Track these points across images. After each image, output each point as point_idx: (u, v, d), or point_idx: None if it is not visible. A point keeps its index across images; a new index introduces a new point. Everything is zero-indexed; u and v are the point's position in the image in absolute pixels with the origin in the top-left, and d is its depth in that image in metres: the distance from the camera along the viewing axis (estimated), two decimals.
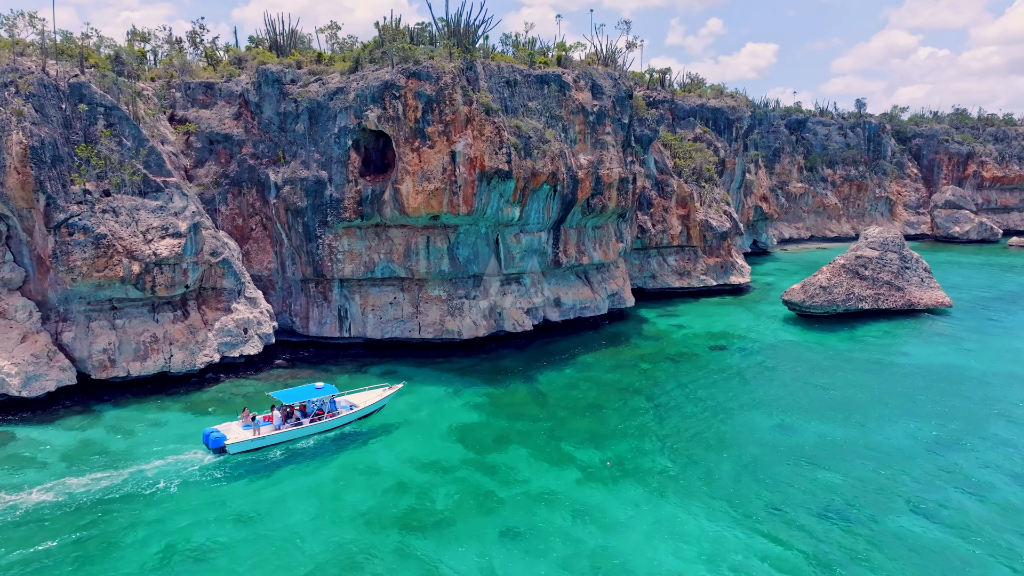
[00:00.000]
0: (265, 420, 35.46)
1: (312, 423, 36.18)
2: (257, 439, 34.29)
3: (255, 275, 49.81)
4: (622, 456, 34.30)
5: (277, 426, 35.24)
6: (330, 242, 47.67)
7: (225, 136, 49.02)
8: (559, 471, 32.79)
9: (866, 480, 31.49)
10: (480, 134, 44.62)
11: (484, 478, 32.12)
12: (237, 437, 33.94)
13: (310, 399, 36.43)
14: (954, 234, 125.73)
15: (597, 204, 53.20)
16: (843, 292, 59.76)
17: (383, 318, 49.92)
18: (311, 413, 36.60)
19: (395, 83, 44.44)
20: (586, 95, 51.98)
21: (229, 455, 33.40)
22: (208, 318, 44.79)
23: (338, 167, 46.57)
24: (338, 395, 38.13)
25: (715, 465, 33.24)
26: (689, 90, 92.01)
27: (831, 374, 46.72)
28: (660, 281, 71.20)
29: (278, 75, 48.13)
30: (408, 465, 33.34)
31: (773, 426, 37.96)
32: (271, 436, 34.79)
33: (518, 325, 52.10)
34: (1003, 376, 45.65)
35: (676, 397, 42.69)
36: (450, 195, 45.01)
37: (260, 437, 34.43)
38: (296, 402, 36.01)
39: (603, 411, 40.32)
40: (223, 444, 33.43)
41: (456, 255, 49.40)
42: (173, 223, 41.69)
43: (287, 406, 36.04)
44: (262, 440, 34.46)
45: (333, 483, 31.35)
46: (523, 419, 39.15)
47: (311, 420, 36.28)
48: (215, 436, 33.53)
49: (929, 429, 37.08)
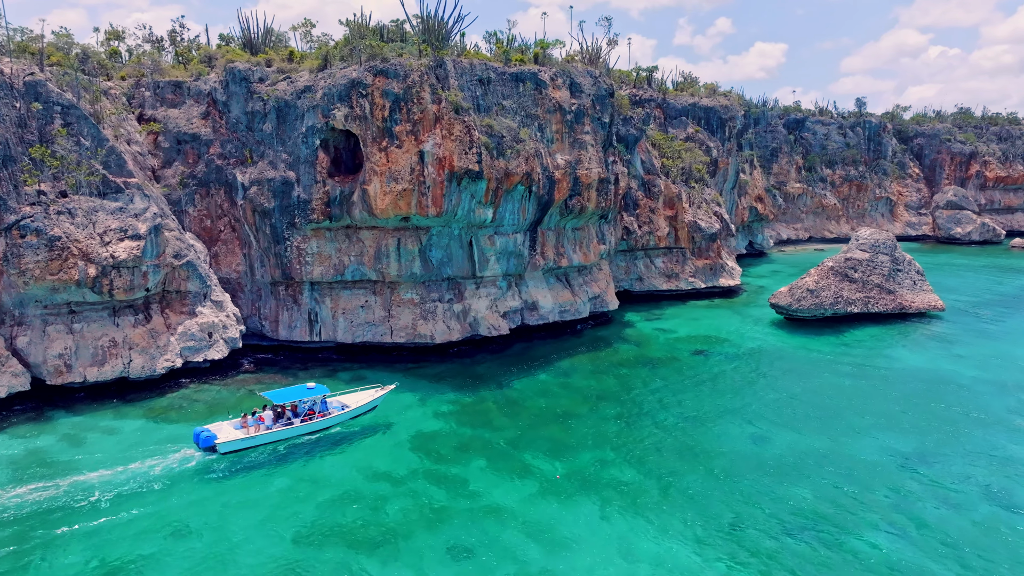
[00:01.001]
0: (259, 419, 35.43)
1: (303, 423, 36.11)
2: (247, 438, 34.26)
3: (224, 277, 48.81)
4: (584, 468, 33.05)
5: (268, 426, 35.23)
6: (299, 244, 46.59)
7: (193, 136, 48.01)
8: (516, 484, 31.58)
9: (835, 495, 30.11)
10: (449, 133, 43.42)
11: (437, 490, 30.94)
12: (227, 436, 33.87)
13: (301, 399, 36.46)
14: (956, 235, 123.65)
15: (576, 205, 51.91)
16: (831, 295, 58.23)
17: (354, 322, 48.79)
18: (302, 413, 36.58)
19: (362, 81, 43.30)
20: (564, 93, 50.69)
21: (220, 454, 33.30)
22: (171, 322, 43.78)
23: (306, 167, 45.47)
24: (329, 395, 38.11)
25: (680, 478, 31.94)
26: (682, 89, 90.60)
27: (812, 381, 45.30)
28: (647, 283, 69.81)
29: (245, 74, 47.08)
30: (361, 475, 32.21)
31: (746, 436, 36.60)
32: (261, 436, 34.75)
33: (494, 329, 50.88)
34: (989, 384, 44.09)
35: (650, 405, 41.37)
36: (419, 196, 43.83)
37: (250, 436, 34.37)
38: (287, 402, 36.00)
39: (572, 420, 39.06)
40: (213, 443, 33.43)
41: (429, 257, 48.24)
42: (132, 225, 40.68)
43: (278, 406, 36.05)
44: (252, 440, 34.42)
45: (280, 493, 30.25)
46: (488, 428, 37.95)
47: (302, 420, 36.20)
48: (205, 435, 33.52)
49: (906, 440, 35.64)
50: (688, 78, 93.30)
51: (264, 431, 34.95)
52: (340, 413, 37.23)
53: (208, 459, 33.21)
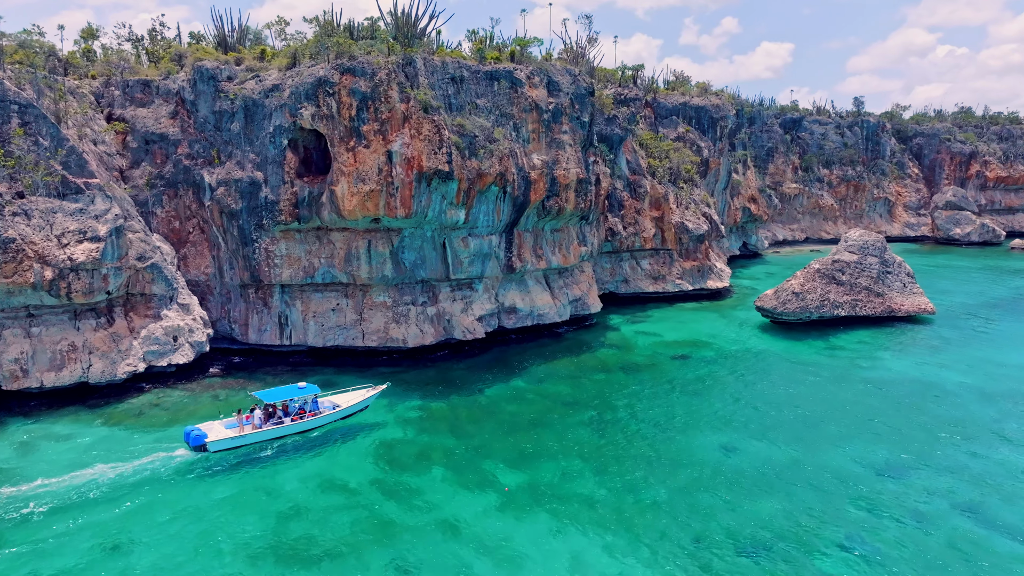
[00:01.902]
0: (247, 419, 35.65)
1: (293, 422, 36.23)
2: (237, 437, 34.39)
3: (193, 280, 47.89)
4: (546, 479, 31.95)
5: (258, 425, 35.38)
6: (267, 246, 45.64)
7: (161, 136, 47.12)
8: (474, 496, 30.51)
9: (803, 510, 28.93)
10: (418, 133, 42.40)
11: (391, 503, 29.90)
12: (217, 435, 33.99)
13: (291, 398, 36.63)
14: (955, 236, 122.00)
15: (553, 206, 50.81)
16: (817, 298, 56.98)
17: (325, 325, 47.82)
18: (293, 412, 36.66)
19: (328, 80, 42.31)
20: (541, 92, 49.60)
21: (210, 453, 33.42)
22: (135, 325, 42.88)
23: (274, 168, 44.52)
24: (320, 395, 38.24)
25: (644, 491, 30.81)
26: (673, 88, 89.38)
27: (792, 387, 44.10)
28: (633, 285, 68.65)
29: (213, 72, 46.14)
30: (315, 486, 31.20)
31: (718, 446, 35.42)
32: (252, 435, 34.88)
33: (469, 333, 49.84)
34: (974, 391, 42.81)
35: (622, 412, 40.25)
36: (387, 197, 42.83)
37: (241, 435, 34.50)
38: (278, 401, 36.17)
39: (541, 427, 37.97)
40: (203, 442, 33.46)
41: (401, 260, 47.23)
42: (92, 226, 39.78)
43: (269, 405, 36.17)
44: (242, 439, 34.57)
45: (224, 505, 29.23)
46: (453, 435, 36.90)
47: (292, 419, 36.32)
48: (195, 434, 33.52)
49: (881, 451, 34.41)
50: (680, 77, 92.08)
51: (254, 430, 35.10)
52: (331, 412, 37.40)
53: (158, 467, 32.26)
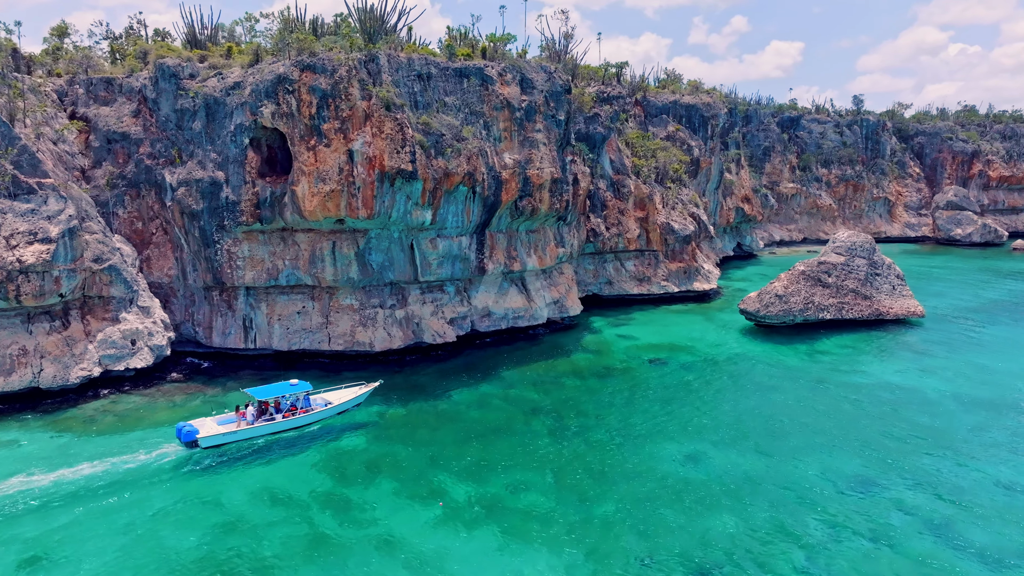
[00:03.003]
0: (239, 416, 35.99)
1: (285, 419, 36.47)
2: (228, 434, 34.64)
3: (156, 282, 46.86)
4: (498, 491, 30.66)
5: (250, 421, 35.66)
6: (229, 247, 44.54)
7: (123, 135, 46.10)
8: (420, 509, 29.25)
9: (762, 526, 27.54)
10: (380, 131, 41.19)
11: (332, 516, 28.69)
12: (209, 431, 34.28)
13: (283, 395, 36.85)
14: (956, 236, 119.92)
15: (527, 207, 49.50)
16: (801, 301, 55.43)
17: (290, 328, 46.69)
18: (284, 409, 36.88)
19: (288, 77, 41.16)
20: (513, 89, 48.29)
21: (201, 449, 33.70)
22: (91, 329, 41.86)
23: (235, 167, 43.42)
24: (313, 392, 38.54)
25: (598, 504, 29.47)
26: (664, 86, 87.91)
27: (768, 394, 42.63)
28: (617, 287, 67.24)
29: (175, 69, 45.08)
30: (255, 498, 30.00)
31: (682, 456, 34.03)
32: (243, 431, 35.15)
33: (438, 336, 48.60)
34: (957, 399, 41.22)
35: (589, 420, 38.88)
36: (348, 197, 41.65)
37: (232, 432, 34.75)
38: (270, 398, 36.39)
39: (502, 436, 36.67)
40: (195, 438, 33.73)
41: (368, 261, 46.05)
42: (43, 227, 38.78)
43: (261, 402, 36.32)
44: (234, 435, 34.79)
45: (158, 518, 28.06)
46: (409, 443, 35.65)
47: (284, 416, 36.54)
48: (187, 430, 33.81)
49: (852, 463, 32.94)
50: (672, 75, 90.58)
51: (246, 426, 35.35)
52: (323, 409, 37.68)
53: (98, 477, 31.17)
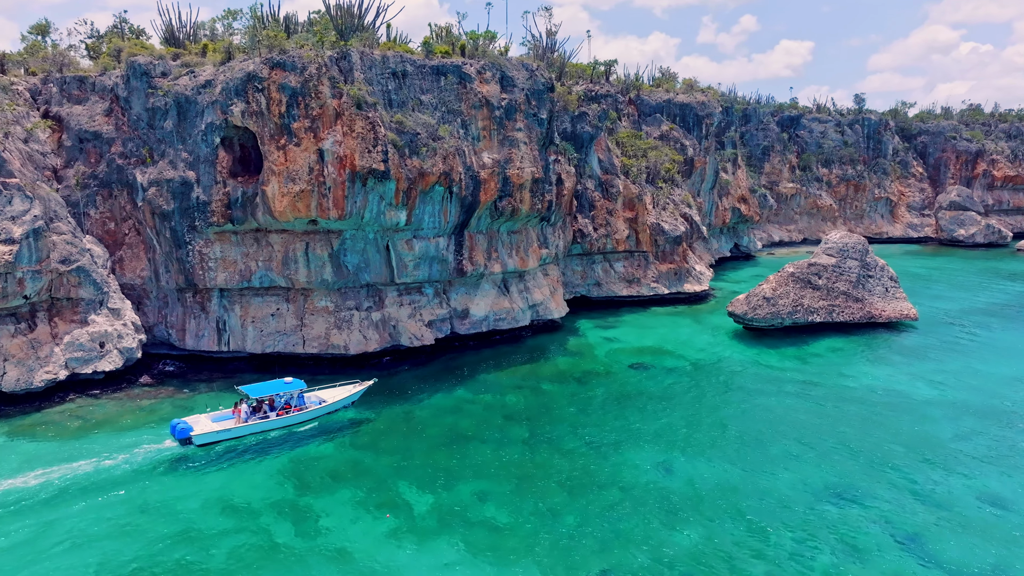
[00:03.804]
0: (233, 413, 36.28)
1: (279, 417, 36.64)
2: (222, 431, 34.87)
3: (128, 284, 46.13)
4: (460, 502, 29.72)
5: (244, 419, 35.81)
6: (201, 248, 43.74)
7: (94, 134, 45.40)
8: (377, 520, 28.36)
9: (729, 539, 26.50)
10: (351, 130, 40.30)
11: (287, 527, 27.83)
12: (203, 429, 34.47)
13: (278, 393, 36.95)
14: (959, 237, 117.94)
15: (507, 207, 48.51)
16: (789, 304, 54.19)
17: (264, 331, 45.87)
18: (278, 407, 37.02)
19: (258, 75, 40.32)
20: (492, 87, 47.32)
21: (195, 446, 33.94)
22: (59, 331, 41.16)
23: (206, 167, 42.62)
24: (307, 390, 38.64)
25: (560, 516, 28.48)
26: (658, 84, 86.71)
27: (751, 400, 41.50)
28: (606, 289, 66.13)
29: (147, 68, 44.33)
30: (210, 505, 29.20)
31: (653, 465, 32.97)
32: (237, 428, 35.36)
33: (416, 339, 47.68)
34: (945, 406, 39.98)
35: (562, 427, 37.87)
36: (319, 198, 40.78)
37: (226, 429, 34.99)
38: (264, 396, 36.51)
39: (472, 443, 35.72)
40: (188, 435, 33.93)
41: (343, 263, 45.17)
42: (6, 228, 38.09)
43: (255, 400, 36.35)
44: (227, 432, 35.02)
45: (104, 527, 27.27)
46: (375, 451, 34.77)
47: (278, 414, 36.72)
48: (181, 427, 34.09)
49: (830, 472, 31.82)
50: (666, 73, 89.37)
51: (240, 424, 35.48)
52: (317, 407, 37.87)
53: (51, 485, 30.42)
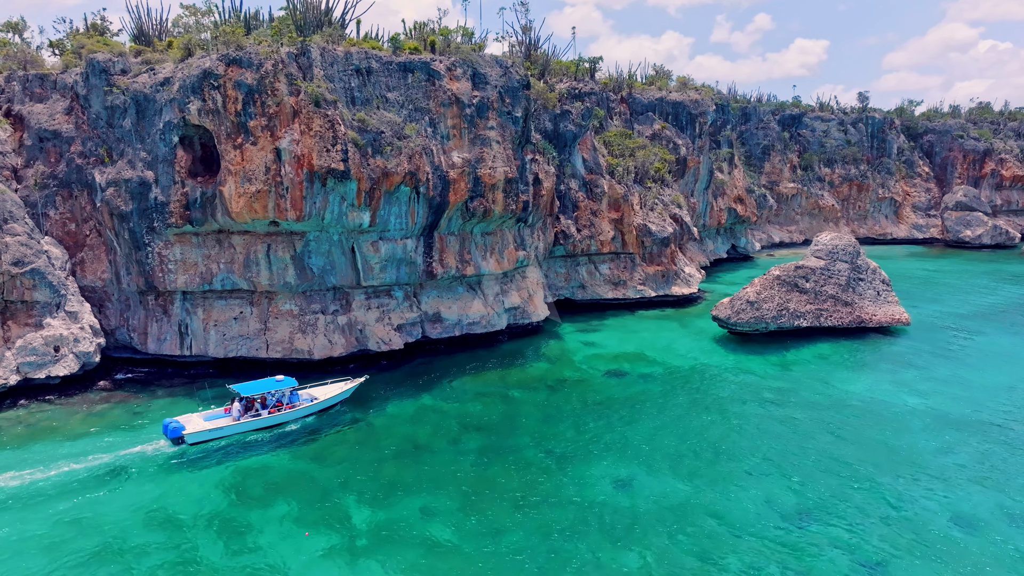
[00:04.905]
0: (225, 412, 36.55)
1: (271, 415, 36.84)
2: (214, 430, 35.11)
3: (89, 286, 45.11)
4: (405, 519, 28.30)
5: (236, 417, 35.95)
6: (160, 250, 42.61)
7: (54, 133, 44.40)
8: (314, 537, 26.99)
9: (679, 564, 24.92)
10: (308, 129, 39.00)
11: (216, 543, 26.54)
12: (195, 427, 34.74)
13: (269, 391, 37.15)
14: (965, 239, 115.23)
15: (478, 208, 47.06)
16: (774, 308, 52.35)
17: (227, 335, 44.68)
18: (270, 405, 37.21)
19: (213, 71, 39.10)
20: (463, 85, 45.87)
21: (187, 445, 34.19)
22: (11, 335, 40.17)
23: (164, 167, 41.48)
24: (299, 388, 38.92)
25: (503, 535, 27.00)
26: (651, 82, 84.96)
27: (725, 410, 39.80)
28: (590, 292, 64.54)
29: (106, 65, 43.26)
30: (140, 520, 27.94)
31: (612, 481, 31.39)
32: (229, 427, 35.57)
33: (384, 344, 46.34)
34: (928, 417, 38.10)
35: (523, 437, 36.36)
36: (276, 198, 39.52)
37: (218, 428, 35.22)
38: (256, 394, 36.65)
39: (427, 454, 34.30)
40: (180, 434, 34.14)
41: (309, 265, 43.91)
42: None
43: (247, 398, 36.45)
44: (220, 431, 35.29)
45: (27, 542, 26.08)
46: (324, 462, 33.43)
47: (270, 412, 36.90)
48: (173, 426, 34.21)
49: (797, 491, 30.10)
50: (660, 71, 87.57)
51: (232, 422, 35.64)
52: (309, 405, 38.05)
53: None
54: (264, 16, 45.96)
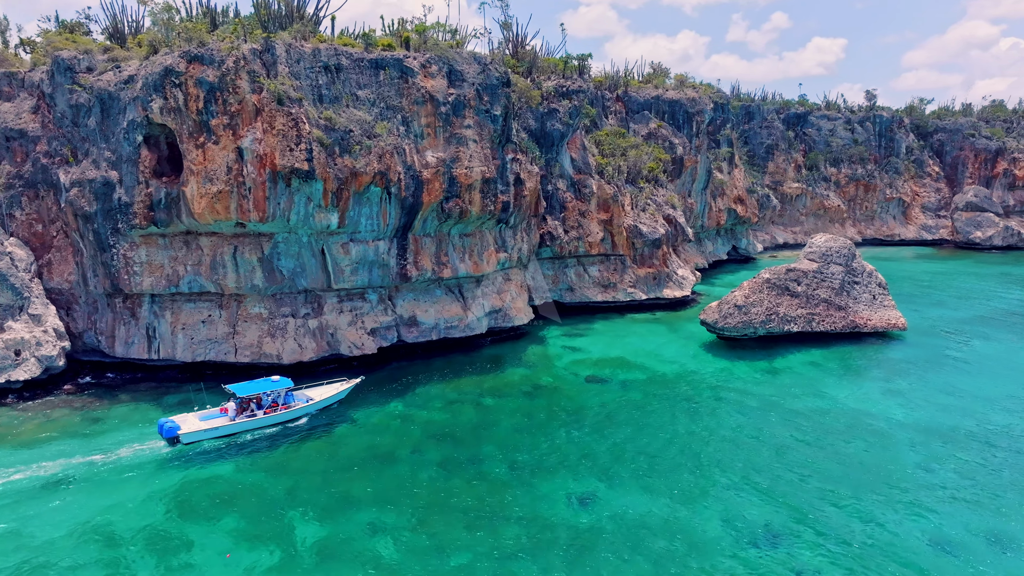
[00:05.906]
0: (221, 412, 36.40)
1: (266, 415, 36.64)
2: (210, 430, 34.99)
3: (56, 288, 44.24)
4: (352, 535, 27.03)
5: (232, 417, 35.86)
6: (125, 252, 41.60)
7: (20, 132, 43.54)
8: (254, 554, 25.74)
9: None
10: (271, 127, 37.82)
11: (151, 560, 25.37)
12: (191, 428, 34.62)
13: (265, 391, 36.89)
14: (975, 240, 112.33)
15: (454, 209, 45.70)
16: (763, 312, 50.55)
17: (195, 338, 43.62)
18: (266, 405, 37.00)
19: (175, 69, 37.99)
20: (438, 82, 44.53)
21: (183, 445, 34.09)
22: None
23: (128, 167, 40.46)
24: (294, 388, 38.67)
25: (450, 555, 25.63)
26: (648, 80, 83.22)
27: (704, 421, 38.14)
28: (579, 294, 63.00)
29: (71, 62, 42.35)
30: (75, 534, 26.83)
31: (575, 497, 29.86)
32: (225, 427, 35.46)
33: (356, 348, 45.10)
34: (913, 430, 36.23)
35: (489, 447, 34.94)
36: (239, 199, 38.37)
37: (213, 428, 35.09)
38: (252, 394, 36.42)
39: (384, 465, 32.96)
40: (176, 434, 34.02)
41: (278, 267, 42.75)
42: None
43: (242, 398, 36.30)
44: (215, 431, 35.16)
45: None
46: (277, 473, 32.17)
47: (265, 412, 36.70)
48: (168, 426, 34.11)
49: (767, 507, 28.49)
50: (658, 69, 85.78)
51: (228, 423, 35.50)
52: (304, 405, 37.86)
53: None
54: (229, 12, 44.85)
